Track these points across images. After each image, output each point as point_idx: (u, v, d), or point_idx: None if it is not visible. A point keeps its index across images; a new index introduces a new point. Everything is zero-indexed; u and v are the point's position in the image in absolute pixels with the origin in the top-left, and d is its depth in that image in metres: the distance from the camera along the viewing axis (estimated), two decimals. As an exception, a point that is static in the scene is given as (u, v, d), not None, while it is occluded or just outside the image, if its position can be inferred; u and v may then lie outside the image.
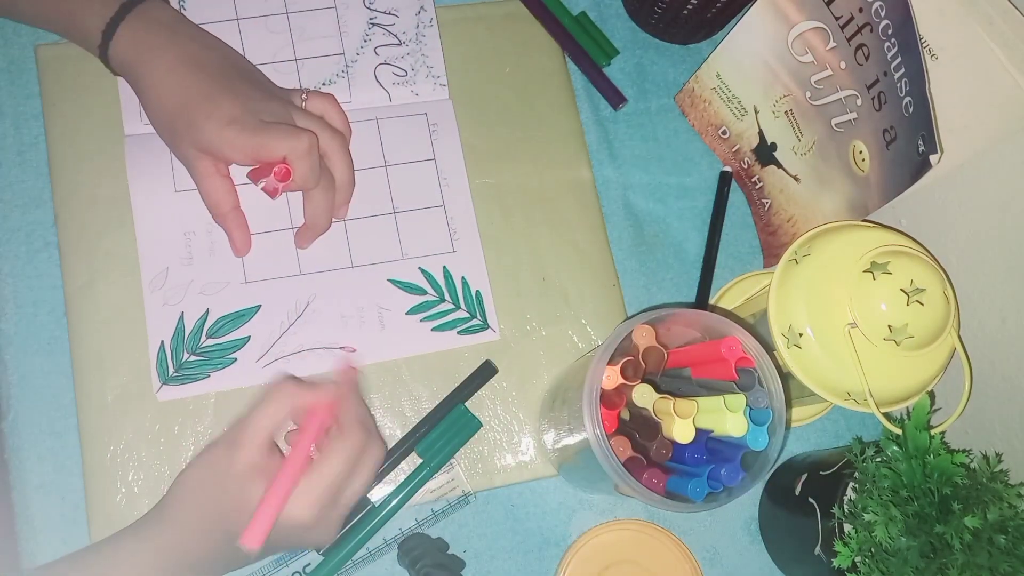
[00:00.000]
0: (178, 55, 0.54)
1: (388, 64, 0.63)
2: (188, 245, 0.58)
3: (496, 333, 0.60)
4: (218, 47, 0.57)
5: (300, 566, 0.54)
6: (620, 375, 0.46)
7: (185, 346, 0.56)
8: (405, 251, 0.60)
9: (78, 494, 0.54)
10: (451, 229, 0.61)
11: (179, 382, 0.56)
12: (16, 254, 0.57)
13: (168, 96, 0.53)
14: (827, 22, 0.51)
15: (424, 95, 0.64)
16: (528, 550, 0.58)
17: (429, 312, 0.59)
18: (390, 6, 0.65)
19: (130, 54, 0.54)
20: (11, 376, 0.55)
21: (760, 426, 0.45)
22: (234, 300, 0.57)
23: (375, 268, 0.60)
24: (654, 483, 0.45)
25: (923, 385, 0.50)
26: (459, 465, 0.57)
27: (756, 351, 0.46)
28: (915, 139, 0.46)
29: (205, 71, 0.54)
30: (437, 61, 0.64)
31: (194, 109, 0.53)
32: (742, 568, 0.60)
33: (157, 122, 0.55)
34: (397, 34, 0.64)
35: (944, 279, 0.48)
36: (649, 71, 0.69)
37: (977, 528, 0.46)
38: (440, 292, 0.60)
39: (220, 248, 0.58)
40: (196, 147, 0.54)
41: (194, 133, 0.53)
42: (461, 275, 0.60)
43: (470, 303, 0.60)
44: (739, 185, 0.67)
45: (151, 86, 0.54)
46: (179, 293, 0.57)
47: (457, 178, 0.62)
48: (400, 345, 0.58)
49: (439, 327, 0.59)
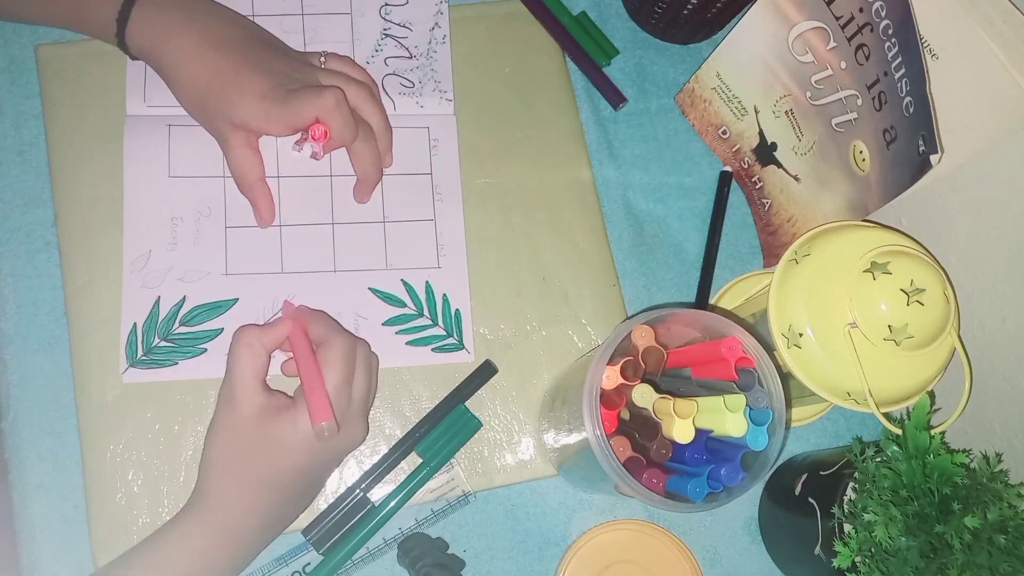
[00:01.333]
0: (199, 33, 0.55)
1: (396, 75, 0.64)
2: (174, 230, 0.58)
3: (470, 355, 0.59)
4: (236, 20, 0.58)
5: (300, 566, 0.54)
6: (620, 375, 0.46)
7: (157, 331, 0.56)
8: (390, 262, 0.60)
9: (78, 494, 0.54)
10: (439, 245, 0.61)
11: (146, 366, 0.56)
12: (16, 254, 0.57)
13: (196, 76, 0.54)
14: (827, 22, 0.51)
15: (429, 109, 0.64)
16: (528, 550, 0.58)
17: (406, 325, 0.59)
18: (405, 19, 0.65)
19: (148, 38, 0.54)
20: (11, 376, 0.55)
21: (760, 426, 0.45)
22: (212, 290, 0.57)
23: (357, 275, 0.59)
24: (654, 483, 0.45)
25: (923, 385, 0.50)
26: (459, 465, 0.57)
27: (756, 351, 0.46)
28: (915, 139, 0.46)
29: (230, 47, 0.55)
30: (446, 77, 0.64)
31: (225, 86, 0.54)
32: (742, 568, 0.60)
33: (187, 100, 0.56)
34: (409, 47, 0.64)
35: (944, 279, 0.48)
36: (649, 71, 0.69)
37: (977, 528, 0.46)
38: (420, 307, 0.60)
39: (205, 237, 0.58)
40: (230, 122, 0.55)
41: (228, 109, 0.54)
42: (443, 292, 0.60)
43: (448, 321, 0.60)
44: (739, 185, 0.67)
45: (176, 67, 0.55)
46: (158, 277, 0.57)
47: (451, 195, 0.62)
48: None
49: (414, 342, 0.59)
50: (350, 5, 0.64)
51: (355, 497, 0.55)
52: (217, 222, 0.59)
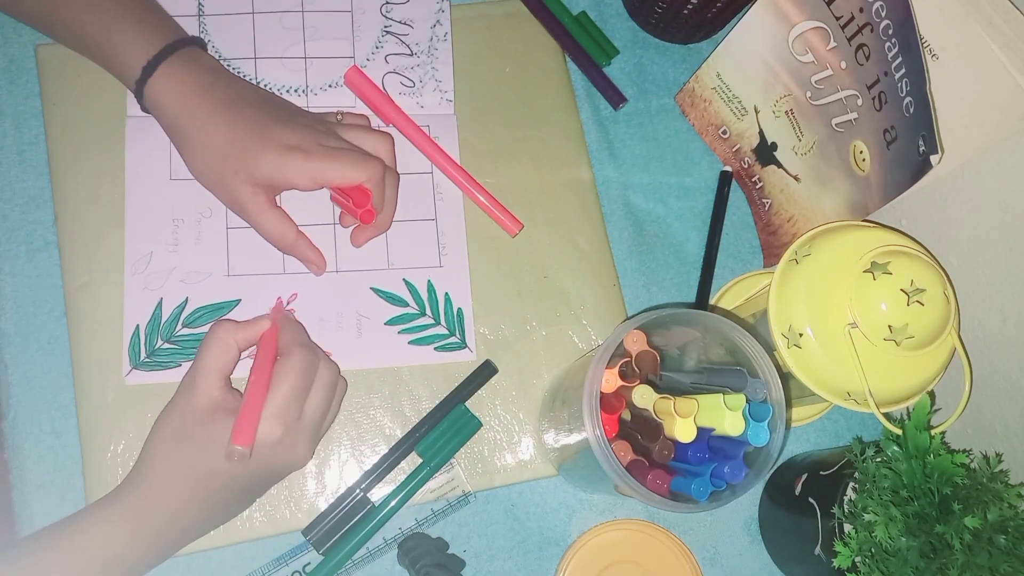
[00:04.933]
0: (224, 95, 0.54)
1: (397, 73, 0.63)
2: (175, 232, 0.58)
3: (473, 353, 0.59)
4: (258, 89, 0.58)
5: (300, 566, 0.54)
6: (619, 378, 0.46)
7: (160, 333, 0.56)
8: (391, 261, 0.60)
9: (78, 494, 0.54)
10: (440, 244, 0.61)
11: (149, 368, 0.56)
12: (16, 254, 0.57)
13: (217, 133, 0.53)
14: (827, 22, 0.51)
15: (429, 108, 0.64)
16: (528, 550, 0.58)
17: (408, 324, 0.59)
18: (406, 16, 0.65)
19: (170, 94, 0.53)
20: (11, 376, 0.55)
21: (760, 422, 0.45)
22: (215, 292, 0.57)
23: (359, 275, 0.59)
24: (658, 484, 0.45)
25: (923, 385, 0.50)
26: (459, 465, 0.57)
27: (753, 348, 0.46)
28: (915, 139, 0.46)
29: (253, 107, 0.54)
30: (446, 76, 0.64)
31: (249, 142, 0.53)
32: (742, 568, 0.60)
33: (202, 164, 0.54)
34: (410, 45, 0.64)
35: (944, 279, 0.48)
36: (649, 71, 0.69)
37: (977, 528, 0.46)
38: (422, 306, 0.60)
39: (207, 238, 0.58)
40: (251, 181, 0.53)
41: (250, 166, 0.53)
42: (445, 291, 0.60)
43: (450, 320, 0.60)
44: (739, 185, 0.67)
45: (197, 126, 0.53)
46: (160, 279, 0.57)
47: (452, 194, 0.62)
48: (375, 354, 0.58)
49: (416, 341, 0.59)
50: (351, 2, 0.64)
51: (355, 497, 0.55)
52: (218, 223, 0.59)
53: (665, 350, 0.51)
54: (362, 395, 0.58)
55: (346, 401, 0.57)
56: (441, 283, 0.60)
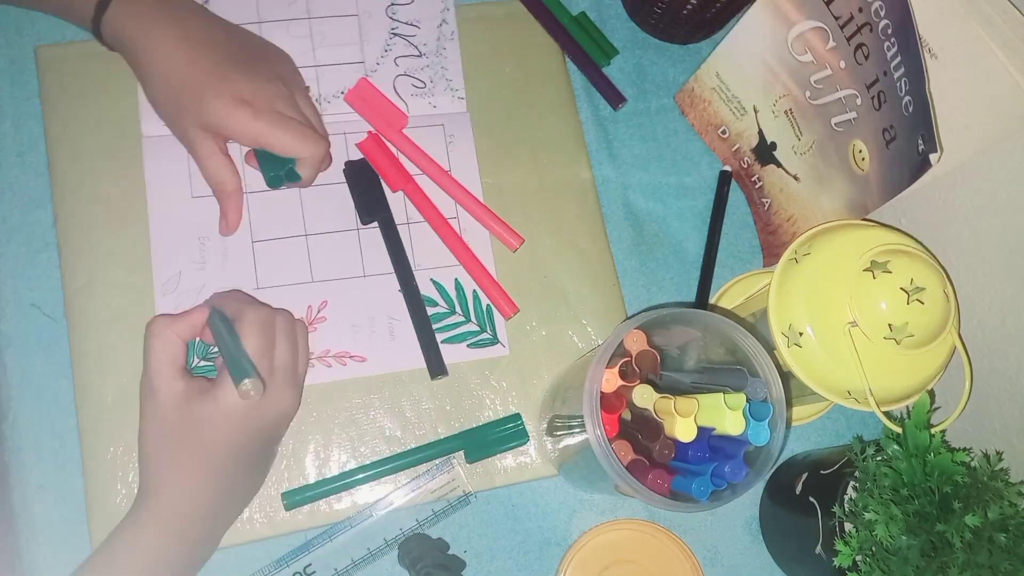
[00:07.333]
0: (184, 29, 0.54)
1: (408, 75, 0.63)
2: (202, 249, 0.58)
3: (506, 348, 0.60)
4: (224, 25, 0.57)
5: (301, 567, 0.54)
6: (619, 377, 0.46)
7: (195, 351, 0.56)
8: (418, 262, 0.60)
9: (78, 494, 0.54)
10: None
11: None
12: (16, 254, 0.57)
13: (174, 71, 0.53)
14: (827, 22, 0.51)
15: (442, 107, 0.64)
16: (528, 550, 0.58)
17: (440, 324, 0.59)
18: (412, 17, 0.65)
19: (128, 27, 0.53)
20: (11, 376, 0.55)
21: (761, 421, 0.45)
22: None
23: (387, 278, 0.59)
24: (659, 484, 0.45)
25: (923, 384, 0.50)
26: (460, 465, 0.57)
27: (753, 347, 0.46)
28: (915, 138, 0.46)
29: (213, 48, 0.54)
30: (456, 74, 0.64)
31: (203, 86, 0.53)
32: (742, 568, 0.60)
33: (159, 96, 0.55)
34: (418, 45, 0.64)
35: (944, 278, 0.48)
36: (649, 71, 0.69)
37: (978, 526, 0.46)
38: (451, 304, 0.60)
39: (233, 253, 0.58)
40: (200, 125, 0.53)
41: (201, 110, 0.53)
42: (472, 288, 0.60)
43: (480, 317, 0.60)
44: (739, 184, 0.67)
45: (155, 60, 0.53)
46: (191, 297, 0.57)
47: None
48: (410, 356, 0.58)
49: (449, 339, 0.59)
50: (356, 6, 0.64)
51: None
52: (243, 238, 0.59)
53: (665, 350, 0.51)
54: (362, 396, 0.58)
55: (346, 402, 0.57)
56: (468, 280, 0.60)
